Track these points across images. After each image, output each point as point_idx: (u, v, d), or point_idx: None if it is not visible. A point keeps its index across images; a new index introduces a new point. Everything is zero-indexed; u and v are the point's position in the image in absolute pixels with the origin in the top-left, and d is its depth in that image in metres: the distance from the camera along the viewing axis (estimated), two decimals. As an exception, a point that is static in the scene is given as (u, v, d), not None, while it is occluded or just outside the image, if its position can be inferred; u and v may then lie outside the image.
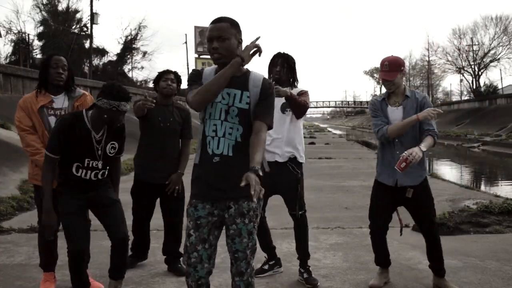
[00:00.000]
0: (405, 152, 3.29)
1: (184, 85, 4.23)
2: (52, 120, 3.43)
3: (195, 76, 2.45)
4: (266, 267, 3.93)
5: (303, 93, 3.72)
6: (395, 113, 3.52)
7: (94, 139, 3.02)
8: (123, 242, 3.16)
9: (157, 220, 4.35)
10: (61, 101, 3.50)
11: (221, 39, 2.33)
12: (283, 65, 3.75)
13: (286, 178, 3.69)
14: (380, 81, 3.66)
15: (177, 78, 4.11)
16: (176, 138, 4.03)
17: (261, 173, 2.18)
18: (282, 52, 3.84)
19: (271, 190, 3.65)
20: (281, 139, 3.68)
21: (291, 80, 3.80)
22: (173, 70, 4.14)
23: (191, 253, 2.35)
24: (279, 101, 3.63)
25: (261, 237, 3.75)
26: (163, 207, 4.07)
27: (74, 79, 3.61)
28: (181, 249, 4.25)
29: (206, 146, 2.38)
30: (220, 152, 2.35)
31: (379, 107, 3.57)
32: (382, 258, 3.70)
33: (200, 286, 2.37)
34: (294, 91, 3.71)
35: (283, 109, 3.70)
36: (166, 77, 4.02)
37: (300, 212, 3.70)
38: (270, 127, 2.40)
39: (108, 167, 3.15)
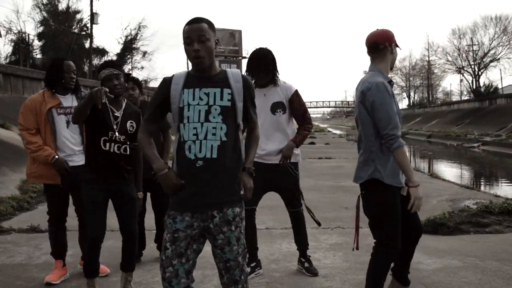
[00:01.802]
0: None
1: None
2: (62, 118, 3.66)
3: (156, 94, 2.39)
4: (248, 269, 3.81)
5: (297, 100, 3.76)
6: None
7: (111, 113, 3.23)
8: (132, 237, 3.37)
9: (152, 220, 4.36)
10: (69, 101, 3.73)
11: (202, 41, 2.24)
12: (260, 68, 3.67)
13: (285, 179, 3.76)
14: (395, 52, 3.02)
15: (136, 83, 4.28)
16: (158, 131, 4.11)
17: (251, 172, 2.28)
18: (254, 53, 3.72)
19: (267, 187, 3.77)
20: (275, 140, 3.73)
21: (271, 77, 3.72)
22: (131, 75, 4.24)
23: (166, 267, 2.25)
24: (267, 102, 3.71)
25: (247, 234, 3.72)
26: (153, 201, 4.30)
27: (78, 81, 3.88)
28: (148, 245, 4.42)
29: (185, 151, 2.25)
30: (203, 156, 2.23)
31: (392, 94, 2.87)
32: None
33: None
34: (283, 89, 3.76)
35: (273, 110, 3.71)
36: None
37: (301, 208, 3.88)
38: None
39: (129, 142, 3.29)
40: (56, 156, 3.55)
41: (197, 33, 2.24)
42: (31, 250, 4.64)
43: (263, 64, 3.67)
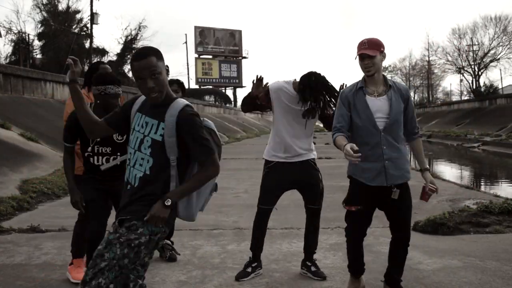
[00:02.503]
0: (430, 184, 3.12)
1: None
2: None
3: (123, 105, 2.49)
4: (249, 269, 3.84)
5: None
6: (377, 104, 3.11)
7: None
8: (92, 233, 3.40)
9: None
10: None
11: (154, 76, 2.23)
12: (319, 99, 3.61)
13: (310, 175, 3.85)
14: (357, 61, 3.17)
15: (181, 86, 4.29)
16: None
17: (168, 204, 2.19)
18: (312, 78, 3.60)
19: (290, 186, 3.86)
20: (301, 140, 3.81)
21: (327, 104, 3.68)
22: (175, 78, 4.35)
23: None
24: (292, 108, 3.69)
25: (260, 233, 3.85)
26: None
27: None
28: (172, 238, 4.38)
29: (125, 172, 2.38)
30: (130, 181, 2.30)
31: (350, 97, 3.16)
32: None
33: None
34: None
35: (304, 115, 3.70)
36: (171, 89, 4.10)
37: (320, 206, 3.92)
38: (208, 157, 2.27)
39: (118, 153, 3.34)
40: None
41: (148, 70, 2.22)
42: (31, 250, 4.64)
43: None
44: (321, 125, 4.04)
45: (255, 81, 3.71)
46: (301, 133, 3.80)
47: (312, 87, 3.56)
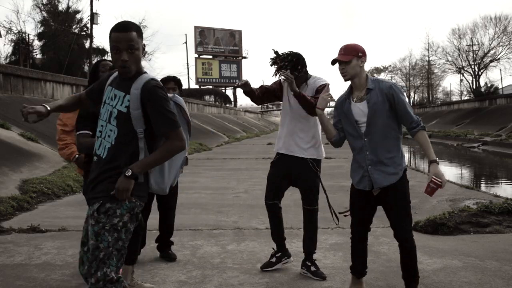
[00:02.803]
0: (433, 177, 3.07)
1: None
2: None
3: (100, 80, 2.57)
4: (273, 259, 3.98)
5: (321, 89, 3.65)
6: (358, 109, 3.14)
7: None
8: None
9: (156, 220, 4.36)
10: None
11: (130, 51, 2.27)
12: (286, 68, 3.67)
13: (305, 173, 3.84)
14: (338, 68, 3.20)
15: (178, 83, 4.29)
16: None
17: (128, 174, 2.21)
18: (277, 56, 3.75)
19: (286, 180, 3.90)
20: (301, 137, 3.82)
21: (299, 75, 3.73)
22: (172, 75, 4.33)
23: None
24: (296, 103, 3.74)
25: (273, 226, 3.95)
26: (159, 202, 4.27)
27: None
28: (172, 238, 4.39)
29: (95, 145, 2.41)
30: (99, 153, 2.35)
31: (339, 106, 3.26)
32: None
33: (88, 282, 2.34)
34: (312, 85, 3.79)
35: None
36: (168, 86, 4.12)
37: (316, 207, 3.93)
38: (172, 130, 2.30)
39: None
40: (77, 155, 3.76)
41: (126, 43, 2.27)
42: (31, 250, 4.64)
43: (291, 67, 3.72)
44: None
45: (239, 84, 3.77)
46: (302, 130, 3.82)
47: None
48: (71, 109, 2.71)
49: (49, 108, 2.43)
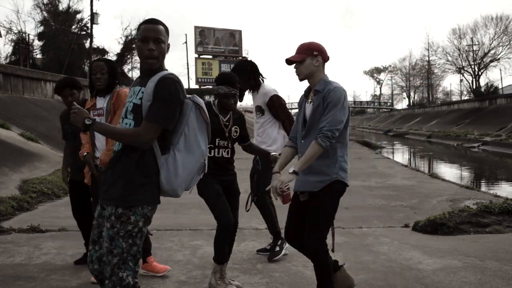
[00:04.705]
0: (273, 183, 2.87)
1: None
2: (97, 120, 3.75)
3: None
4: (277, 249, 4.27)
5: (276, 106, 4.31)
6: (307, 110, 3.04)
7: (222, 121, 3.59)
8: (236, 227, 3.66)
9: (156, 220, 4.35)
10: (102, 102, 3.76)
11: (157, 41, 2.29)
12: (241, 78, 3.94)
13: (256, 170, 4.33)
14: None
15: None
16: None
17: (88, 123, 2.19)
18: (234, 66, 4.36)
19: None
20: (257, 139, 4.41)
21: (253, 84, 4.37)
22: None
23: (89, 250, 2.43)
24: (254, 105, 4.44)
25: (265, 218, 4.33)
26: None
27: (116, 79, 3.80)
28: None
29: None
30: (115, 149, 2.36)
31: (299, 104, 3.19)
32: None
33: (101, 281, 2.35)
34: (261, 95, 4.35)
35: (256, 112, 4.43)
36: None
37: (253, 200, 4.22)
38: (158, 125, 2.21)
39: (232, 147, 3.68)
40: (85, 154, 3.75)
41: (154, 34, 2.30)
42: (31, 250, 4.64)
43: (242, 74, 4.15)
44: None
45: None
46: (256, 132, 4.46)
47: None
48: None
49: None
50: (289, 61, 3.04)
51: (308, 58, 2.99)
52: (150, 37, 2.28)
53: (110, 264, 2.23)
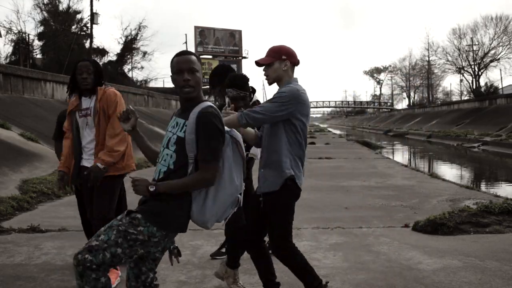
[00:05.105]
0: None
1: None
2: (82, 121, 3.70)
3: None
4: (223, 250, 4.17)
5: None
6: None
7: None
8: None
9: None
10: (88, 102, 3.70)
11: (191, 72, 2.36)
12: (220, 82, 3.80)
13: None
14: None
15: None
16: None
17: (151, 190, 2.24)
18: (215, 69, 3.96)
19: None
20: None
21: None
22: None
23: None
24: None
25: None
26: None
27: (102, 79, 3.74)
28: None
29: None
30: (154, 177, 2.39)
31: None
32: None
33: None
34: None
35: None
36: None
37: None
38: (206, 160, 2.27)
39: (247, 153, 3.58)
40: (59, 170, 3.76)
41: (188, 65, 2.37)
42: (31, 250, 4.64)
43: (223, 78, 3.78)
44: (322, 125, 4.07)
45: None
46: None
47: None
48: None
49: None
50: (258, 64, 3.07)
51: (277, 62, 3.00)
52: (184, 69, 2.36)
53: (90, 243, 2.24)
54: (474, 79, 54.37)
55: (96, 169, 3.53)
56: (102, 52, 39.06)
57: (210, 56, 62.03)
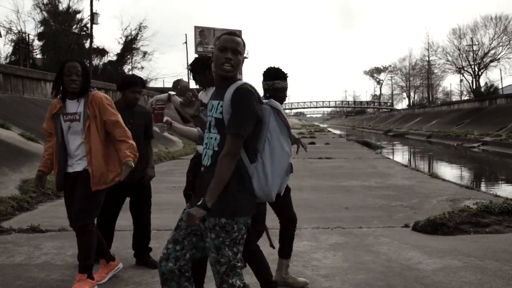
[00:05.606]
0: None
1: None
2: (66, 126, 3.49)
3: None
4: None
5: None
6: None
7: None
8: (292, 223, 3.69)
9: (155, 219, 4.35)
10: (75, 106, 3.50)
11: (235, 52, 2.38)
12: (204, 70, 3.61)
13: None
14: None
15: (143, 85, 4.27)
16: (141, 139, 4.20)
17: (199, 204, 2.24)
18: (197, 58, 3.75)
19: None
20: None
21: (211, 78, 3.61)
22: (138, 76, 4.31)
23: (164, 248, 2.50)
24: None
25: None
26: (133, 206, 4.23)
27: (89, 81, 3.60)
28: (151, 244, 4.29)
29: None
30: (204, 163, 2.41)
31: None
32: None
33: (166, 280, 2.51)
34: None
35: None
36: (134, 89, 4.11)
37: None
38: (238, 135, 2.28)
39: None
40: (38, 171, 3.62)
41: (233, 44, 2.38)
42: (31, 250, 4.64)
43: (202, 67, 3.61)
44: (322, 125, 4.01)
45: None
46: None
47: None
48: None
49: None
50: None
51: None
52: (229, 47, 2.37)
53: (219, 273, 2.31)
54: (474, 79, 54.40)
55: (132, 169, 3.46)
56: (102, 52, 39.04)
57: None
